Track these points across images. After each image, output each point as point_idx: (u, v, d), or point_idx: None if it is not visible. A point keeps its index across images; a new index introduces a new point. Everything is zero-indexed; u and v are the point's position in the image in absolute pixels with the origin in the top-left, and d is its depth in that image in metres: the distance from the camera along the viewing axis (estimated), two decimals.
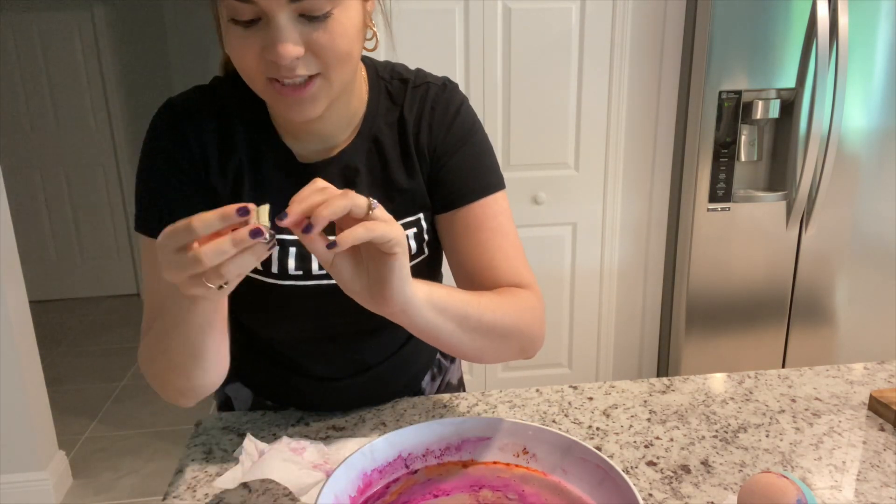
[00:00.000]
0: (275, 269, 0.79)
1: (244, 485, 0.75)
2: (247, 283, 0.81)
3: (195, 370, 0.70)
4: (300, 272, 0.80)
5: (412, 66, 0.87)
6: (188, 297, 0.60)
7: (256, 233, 0.55)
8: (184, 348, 0.68)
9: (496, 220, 0.81)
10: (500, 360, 0.80)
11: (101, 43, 3.71)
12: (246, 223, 0.55)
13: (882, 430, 0.83)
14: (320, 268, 0.80)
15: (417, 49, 2.00)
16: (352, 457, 0.64)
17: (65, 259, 4.03)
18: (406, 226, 0.82)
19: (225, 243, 0.55)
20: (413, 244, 0.82)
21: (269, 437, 0.84)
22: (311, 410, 0.91)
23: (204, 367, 0.70)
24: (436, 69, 0.88)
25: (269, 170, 0.79)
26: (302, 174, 0.79)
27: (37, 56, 3.71)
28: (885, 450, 0.79)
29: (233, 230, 0.55)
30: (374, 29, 0.76)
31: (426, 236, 0.83)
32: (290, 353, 0.89)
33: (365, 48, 0.76)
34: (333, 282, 0.80)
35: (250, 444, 0.79)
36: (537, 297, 0.81)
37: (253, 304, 0.84)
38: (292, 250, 0.79)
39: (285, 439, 0.80)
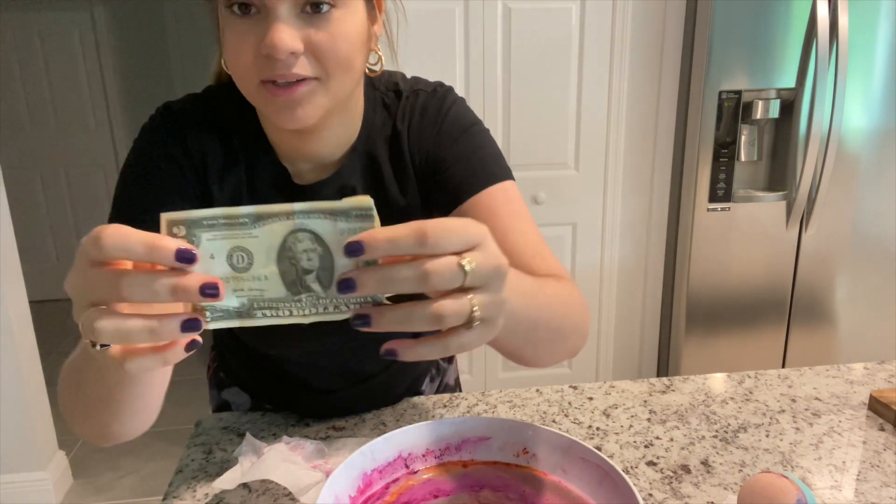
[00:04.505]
0: None
1: (244, 485, 0.75)
2: None
3: (109, 420, 0.58)
4: None
5: (412, 67, 0.86)
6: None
7: (209, 289, 0.41)
8: (98, 396, 0.55)
9: (510, 206, 0.74)
10: (557, 361, 0.70)
11: (101, 43, 3.71)
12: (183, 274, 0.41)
13: (882, 430, 0.83)
14: None
15: (417, 49, 2.00)
16: (352, 457, 0.64)
17: (65, 259, 4.02)
18: None
19: (160, 283, 0.41)
20: None
21: (269, 437, 0.84)
22: (312, 418, 0.90)
23: (121, 419, 0.58)
24: (436, 69, 0.87)
25: (265, 191, 0.76)
26: (298, 197, 0.75)
27: (37, 56, 3.71)
28: (885, 450, 0.79)
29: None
30: (380, 53, 0.73)
31: None
32: (288, 367, 0.88)
33: (370, 70, 0.74)
34: None
35: (250, 444, 0.79)
36: (577, 288, 0.74)
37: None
38: None
39: (285, 439, 0.80)
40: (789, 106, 2.01)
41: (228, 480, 0.74)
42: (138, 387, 0.54)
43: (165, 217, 0.42)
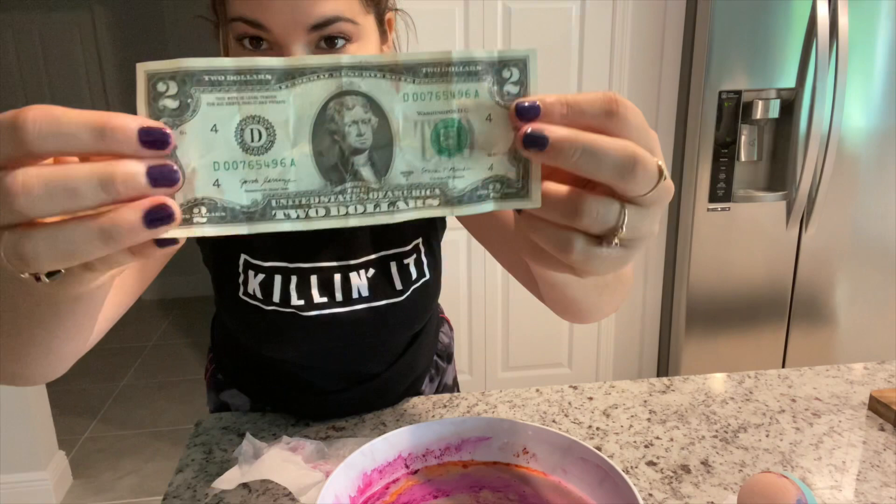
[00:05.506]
0: (276, 297, 0.78)
1: (244, 485, 0.75)
2: (241, 305, 0.79)
3: (24, 357, 0.46)
4: (301, 302, 0.78)
5: None
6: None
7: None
8: (10, 329, 0.42)
9: None
10: (606, 315, 0.64)
11: (101, 43, 3.71)
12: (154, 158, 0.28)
13: (882, 430, 0.83)
14: (321, 295, 0.78)
15: (417, 49, 2.00)
16: (352, 457, 0.64)
17: None
18: (405, 255, 0.81)
19: (83, 177, 0.28)
20: (413, 271, 0.81)
21: (269, 437, 0.84)
22: (312, 419, 0.90)
23: (34, 355, 0.46)
24: None
25: None
26: None
27: (37, 56, 3.71)
28: (885, 450, 0.79)
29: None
30: None
31: (425, 259, 0.82)
32: (287, 368, 0.88)
33: None
34: (334, 311, 0.79)
35: (250, 444, 0.79)
36: None
37: (247, 326, 0.83)
38: (293, 279, 0.77)
39: (285, 439, 0.80)
40: (789, 106, 2.01)
41: (228, 480, 0.74)
42: (63, 322, 0.41)
43: (144, 68, 0.28)
